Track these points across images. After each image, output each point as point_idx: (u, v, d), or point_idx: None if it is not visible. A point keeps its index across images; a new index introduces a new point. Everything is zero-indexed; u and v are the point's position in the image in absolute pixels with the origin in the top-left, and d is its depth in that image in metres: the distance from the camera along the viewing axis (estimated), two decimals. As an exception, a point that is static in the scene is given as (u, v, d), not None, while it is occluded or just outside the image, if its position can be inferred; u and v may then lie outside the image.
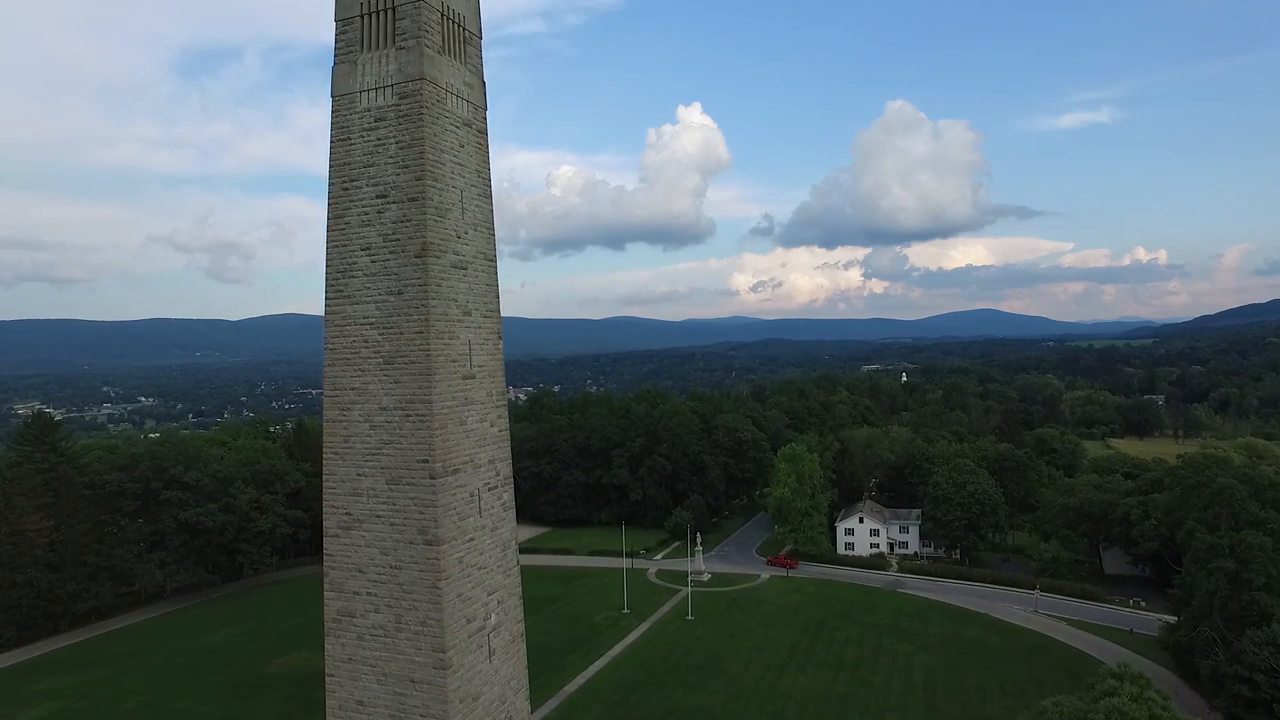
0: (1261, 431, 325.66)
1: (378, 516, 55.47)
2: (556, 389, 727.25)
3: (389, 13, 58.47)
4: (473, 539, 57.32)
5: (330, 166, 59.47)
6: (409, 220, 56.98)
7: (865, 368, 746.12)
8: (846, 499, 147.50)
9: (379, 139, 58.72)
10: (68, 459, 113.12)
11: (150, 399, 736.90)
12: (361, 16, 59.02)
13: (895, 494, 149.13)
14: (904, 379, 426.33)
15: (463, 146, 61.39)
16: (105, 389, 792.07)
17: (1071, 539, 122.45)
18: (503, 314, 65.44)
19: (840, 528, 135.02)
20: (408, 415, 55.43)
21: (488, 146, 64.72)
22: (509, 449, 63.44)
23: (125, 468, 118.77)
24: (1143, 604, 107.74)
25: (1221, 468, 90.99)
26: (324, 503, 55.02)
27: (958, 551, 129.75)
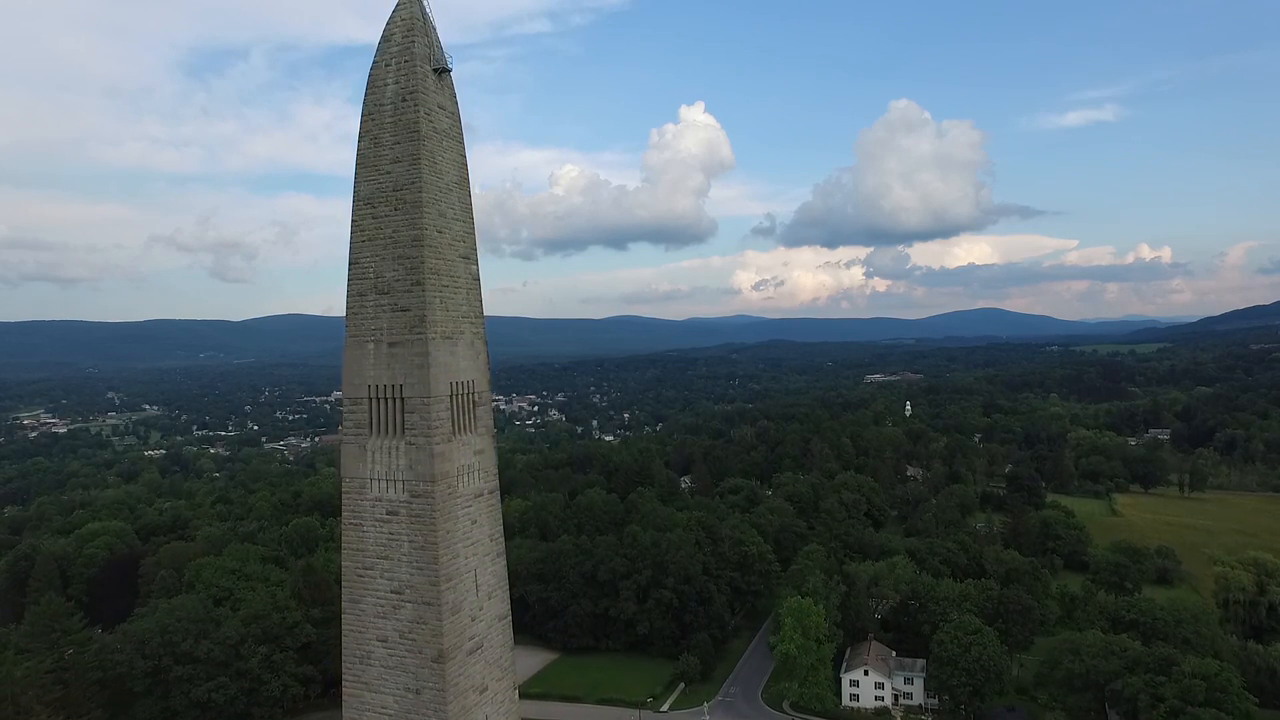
0: (1268, 483, 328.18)
1: None
2: (560, 397, 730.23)
3: (398, 402, 57.40)
4: None
5: (344, 549, 59.13)
6: (425, 623, 56.87)
7: (869, 377, 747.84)
8: (851, 636, 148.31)
9: (391, 533, 58.37)
10: (77, 645, 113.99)
11: (154, 407, 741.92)
12: (370, 400, 58.29)
13: (900, 630, 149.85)
14: (908, 411, 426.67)
15: (475, 522, 61.05)
16: (110, 395, 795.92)
17: (1076, 705, 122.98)
18: (506, 315, 65.60)
19: (845, 679, 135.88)
20: (424, 813, 55.96)
21: (499, 504, 64.39)
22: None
23: (138, 643, 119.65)
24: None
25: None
26: None
27: (962, 709, 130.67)
